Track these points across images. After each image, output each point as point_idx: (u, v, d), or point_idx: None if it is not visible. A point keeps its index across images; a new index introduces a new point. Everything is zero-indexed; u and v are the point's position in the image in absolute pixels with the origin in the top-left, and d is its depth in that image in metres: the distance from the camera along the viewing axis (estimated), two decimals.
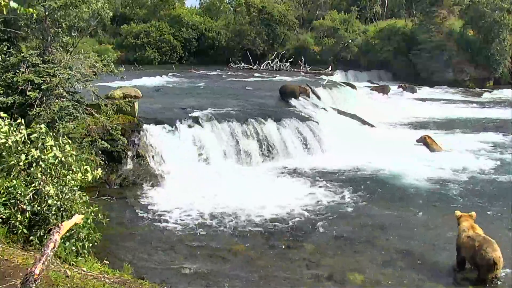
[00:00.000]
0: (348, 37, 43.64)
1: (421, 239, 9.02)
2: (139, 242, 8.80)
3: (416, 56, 38.82)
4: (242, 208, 10.37)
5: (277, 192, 11.46)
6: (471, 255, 7.44)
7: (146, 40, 43.23)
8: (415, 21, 42.03)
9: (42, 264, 4.08)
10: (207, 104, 16.25)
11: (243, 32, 44.46)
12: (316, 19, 50.25)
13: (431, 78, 37.87)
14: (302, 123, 16.13)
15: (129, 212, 10.22)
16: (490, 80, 38.26)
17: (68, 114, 10.24)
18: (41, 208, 5.82)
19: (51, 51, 10.91)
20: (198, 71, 34.21)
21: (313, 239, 9.04)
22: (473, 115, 24.37)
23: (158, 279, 7.23)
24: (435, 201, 11.22)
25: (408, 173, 13.20)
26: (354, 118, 19.85)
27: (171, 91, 21.59)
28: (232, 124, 14.53)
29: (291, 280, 7.48)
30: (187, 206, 10.47)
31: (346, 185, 12.29)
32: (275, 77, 30.43)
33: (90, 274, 5.25)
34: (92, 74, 10.95)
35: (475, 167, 13.95)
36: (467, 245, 7.48)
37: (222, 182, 11.89)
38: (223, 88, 22.84)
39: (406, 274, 7.69)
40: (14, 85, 10.10)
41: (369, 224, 9.78)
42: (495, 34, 35.92)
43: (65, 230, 5.03)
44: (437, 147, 15.84)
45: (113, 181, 11.74)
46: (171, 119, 13.88)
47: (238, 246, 8.73)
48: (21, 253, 5.26)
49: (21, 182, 5.86)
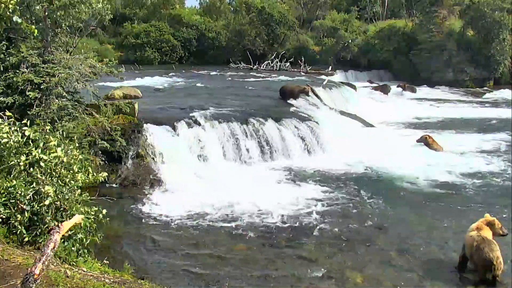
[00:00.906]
0: (348, 37, 43.63)
1: (421, 239, 9.02)
2: (139, 242, 8.81)
3: (416, 56, 38.81)
4: (242, 208, 10.38)
5: (277, 192, 11.46)
6: (470, 255, 7.48)
7: (146, 40, 43.22)
8: (415, 21, 42.00)
9: (42, 264, 4.07)
10: (207, 104, 16.25)
11: (243, 32, 44.45)
12: (316, 19, 50.25)
13: (431, 78, 37.87)
14: (302, 123, 16.13)
15: (129, 212, 10.22)
16: (490, 80, 38.25)
17: (67, 114, 10.24)
18: (41, 208, 5.82)
19: (51, 51, 10.91)
20: (198, 71, 34.21)
21: (313, 239, 9.04)
22: (473, 115, 24.39)
23: (158, 279, 7.23)
24: (435, 201, 11.22)
25: (409, 173, 13.21)
26: (354, 118, 19.86)
27: (171, 91, 21.59)
28: (232, 124, 14.53)
29: (291, 279, 7.49)
30: (187, 206, 10.47)
31: (346, 185, 12.30)
32: (275, 77, 30.43)
33: (90, 274, 5.25)
34: (91, 74, 10.95)
35: (475, 167, 13.97)
36: (468, 244, 7.51)
37: (222, 182, 11.89)
38: (223, 88, 22.84)
39: (406, 274, 7.69)
40: (14, 85, 10.10)
41: (369, 224, 9.78)
42: (495, 34, 35.91)
43: (65, 230, 5.03)
44: (437, 147, 15.85)
45: (113, 181, 11.74)
46: (171, 119, 13.88)
47: (238, 245, 8.73)
48: (21, 253, 5.26)
49: (21, 182, 5.86)
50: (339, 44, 43.65)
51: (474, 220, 9.85)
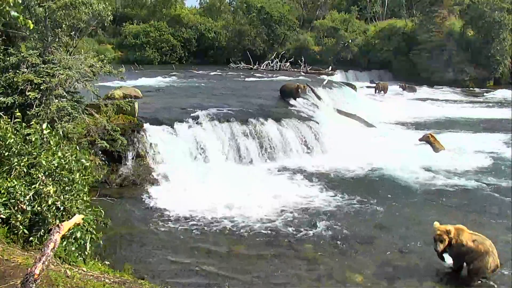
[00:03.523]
0: (348, 37, 43.67)
1: (422, 239, 9.01)
2: (139, 242, 8.80)
3: (416, 56, 38.85)
4: (242, 208, 10.37)
5: (277, 192, 11.44)
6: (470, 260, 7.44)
7: (146, 40, 43.25)
8: (415, 21, 42.03)
9: (42, 264, 4.07)
10: (207, 104, 16.24)
11: (243, 32, 44.47)
12: (316, 19, 50.29)
13: (431, 78, 37.91)
14: (302, 123, 16.13)
15: (129, 212, 10.21)
16: (490, 80, 38.27)
17: (67, 114, 10.23)
18: (41, 208, 5.82)
19: (51, 51, 10.90)
20: (198, 71, 34.20)
21: (313, 239, 9.04)
22: (473, 115, 24.39)
23: (158, 279, 7.24)
24: (436, 201, 11.22)
25: (409, 173, 13.20)
26: (354, 118, 19.86)
27: (171, 91, 21.57)
28: (232, 124, 14.53)
29: (291, 279, 7.48)
30: (187, 206, 10.46)
31: (346, 185, 12.29)
32: (275, 77, 30.41)
33: (90, 274, 5.25)
34: (91, 74, 10.94)
35: (476, 167, 13.97)
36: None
37: (222, 182, 11.87)
38: (223, 88, 22.82)
39: (406, 274, 7.69)
40: (14, 85, 10.10)
41: (369, 224, 9.78)
42: (495, 34, 35.94)
43: (65, 230, 5.03)
44: (439, 146, 15.86)
45: (113, 181, 11.74)
46: (171, 119, 13.88)
47: (238, 246, 8.73)
48: (21, 253, 5.26)
49: (21, 182, 5.85)
50: (339, 44, 43.69)
51: (475, 220, 9.89)
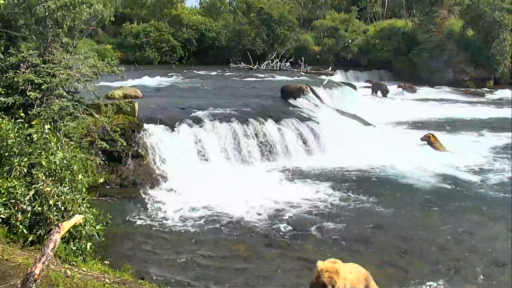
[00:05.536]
0: (348, 37, 43.63)
1: (422, 239, 9.02)
2: (139, 242, 8.80)
3: (416, 56, 38.82)
4: (242, 208, 10.37)
5: (277, 192, 11.45)
6: None
7: (146, 40, 43.21)
8: (415, 21, 42.01)
9: (42, 264, 4.08)
10: (207, 104, 16.23)
11: (243, 32, 44.44)
12: (316, 19, 50.26)
13: (431, 78, 37.86)
14: (302, 123, 16.12)
15: (129, 212, 10.21)
16: (490, 80, 38.24)
17: (68, 114, 10.22)
18: (42, 208, 5.82)
19: (51, 51, 10.89)
20: (198, 71, 34.20)
21: (313, 239, 9.04)
22: (474, 115, 24.37)
23: (158, 279, 7.24)
24: (436, 201, 11.21)
25: (409, 173, 13.20)
26: (354, 118, 19.85)
27: (171, 91, 21.58)
28: (232, 124, 14.52)
29: (291, 279, 7.49)
30: (187, 206, 10.47)
31: (346, 185, 12.29)
32: (275, 77, 30.41)
33: (90, 274, 5.25)
34: (92, 74, 10.93)
35: (476, 167, 13.97)
36: None
37: (222, 182, 11.88)
38: (223, 88, 22.82)
39: (406, 274, 7.69)
40: (14, 85, 10.09)
41: (369, 224, 9.78)
42: (495, 34, 35.91)
43: (65, 230, 5.04)
44: (440, 146, 15.86)
45: (113, 181, 11.74)
46: (171, 119, 13.86)
47: (238, 245, 8.73)
48: (21, 253, 5.26)
49: (22, 182, 5.86)
50: (339, 44, 43.65)
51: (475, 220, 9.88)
